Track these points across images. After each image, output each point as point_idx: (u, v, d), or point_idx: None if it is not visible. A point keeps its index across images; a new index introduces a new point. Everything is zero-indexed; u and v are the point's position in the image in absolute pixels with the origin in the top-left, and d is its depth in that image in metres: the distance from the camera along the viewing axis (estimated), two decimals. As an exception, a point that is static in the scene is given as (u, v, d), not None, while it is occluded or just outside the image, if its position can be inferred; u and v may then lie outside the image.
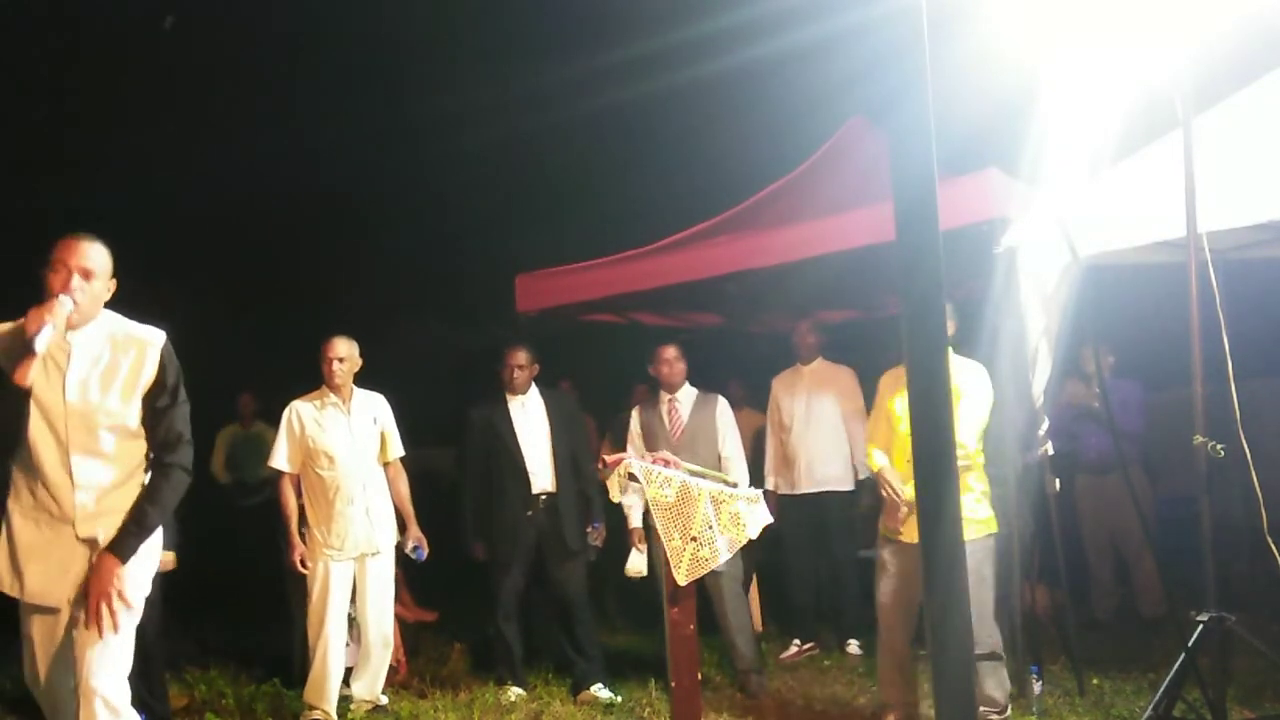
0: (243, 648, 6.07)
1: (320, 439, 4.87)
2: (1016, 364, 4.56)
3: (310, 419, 4.91)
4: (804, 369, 5.99)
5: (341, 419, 4.93)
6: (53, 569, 2.93)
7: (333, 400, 4.94)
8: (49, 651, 2.97)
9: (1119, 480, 5.43)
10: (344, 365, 4.93)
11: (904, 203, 2.18)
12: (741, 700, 4.93)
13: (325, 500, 4.87)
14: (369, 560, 4.89)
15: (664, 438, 5.22)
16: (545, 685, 5.33)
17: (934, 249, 2.15)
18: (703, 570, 3.73)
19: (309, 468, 4.90)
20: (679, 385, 5.34)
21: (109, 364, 2.97)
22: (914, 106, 2.17)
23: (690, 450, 5.09)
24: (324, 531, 4.85)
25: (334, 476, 4.85)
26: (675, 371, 5.31)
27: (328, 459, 4.86)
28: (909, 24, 2.17)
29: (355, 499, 4.85)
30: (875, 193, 4.59)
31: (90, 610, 2.86)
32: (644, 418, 5.36)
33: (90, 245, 2.96)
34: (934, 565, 2.16)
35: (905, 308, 2.22)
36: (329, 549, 4.84)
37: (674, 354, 5.33)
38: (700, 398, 5.35)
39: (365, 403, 5.02)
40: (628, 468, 3.80)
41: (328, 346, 4.94)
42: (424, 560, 5.06)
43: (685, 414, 5.31)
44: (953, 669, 2.16)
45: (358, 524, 4.84)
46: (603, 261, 6.22)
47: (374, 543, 4.88)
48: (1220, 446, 3.64)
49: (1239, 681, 4.19)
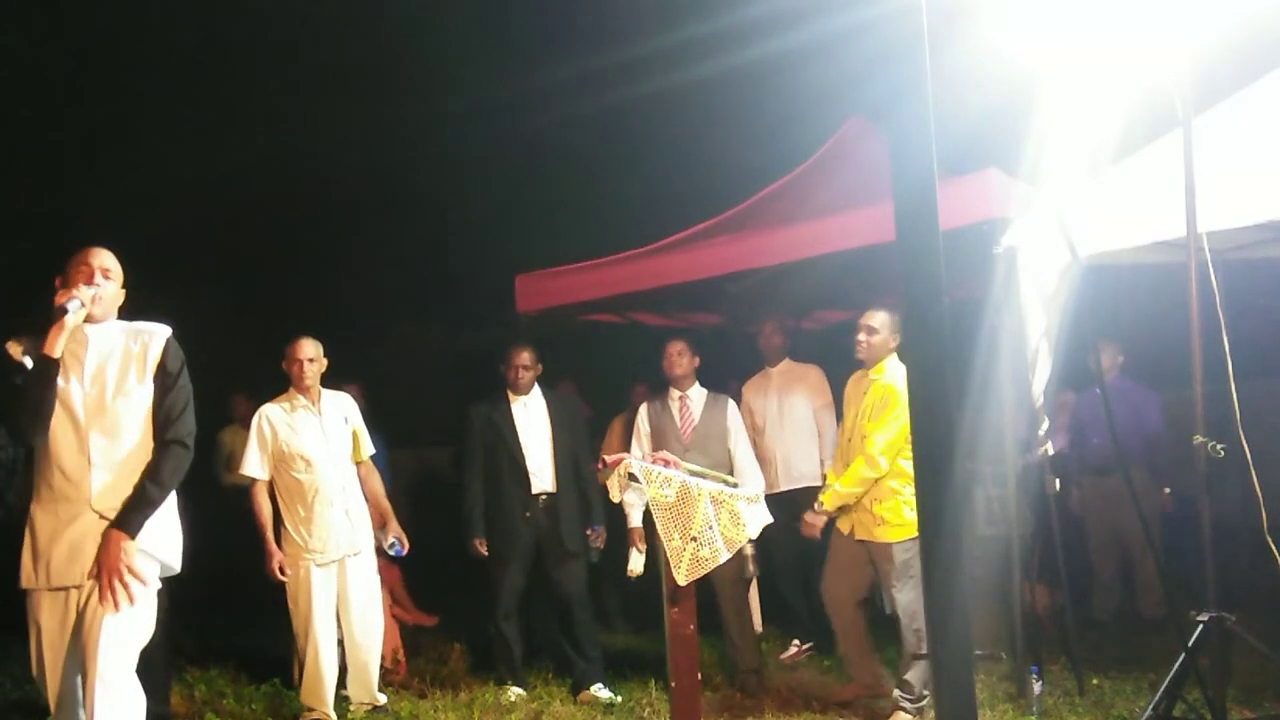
0: (243, 648, 6.06)
1: (294, 442, 4.81)
2: (1016, 364, 4.56)
3: (281, 422, 4.86)
4: (772, 371, 6.00)
5: (314, 420, 4.88)
6: (71, 550, 3.06)
7: (303, 402, 4.89)
8: (61, 636, 3.06)
9: (1120, 480, 5.42)
10: (313, 365, 4.89)
11: (904, 203, 2.18)
12: (741, 700, 4.93)
13: (304, 504, 4.81)
14: (349, 561, 4.84)
15: (674, 436, 5.20)
16: (545, 685, 5.32)
17: (934, 249, 2.15)
18: (703, 570, 3.73)
19: (283, 472, 4.83)
20: (686, 381, 5.31)
21: (123, 350, 3.19)
22: (914, 106, 2.17)
23: (701, 449, 5.11)
24: (304, 535, 4.79)
25: (311, 479, 4.80)
26: (677, 365, 5.27)
27: (304, 462, 4.80)
28: (909, 24, 2.17)
29: (334, 501, 4.81)
30: (875, 193, 4.59)
31: (101, 585, 2.99)
32: (654, 415, 5.33)
33: (107, 252, 3.24)
34: (934, 565, 2.16)
35: (905, 308, 2.22)
36: (310, 553, 4.78)
37: (679, 348, 5.30)
38: (711, 398, 5.34)
39: (334, 403, 4.98)
40: (628, 468, 3.80)
41: (295, 347, 4.89)
42: (403, 556, 5.04)
43: (696, 413, 5.28)
44: (953, 669, 2.16)
45: (338, 526, 4.81)
46: (603, 261, 6.22)
47: (355, 543, 4.85)
48: (1220, 446, 3.64)
49: (1239, 681, 4.18)
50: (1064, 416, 6.00)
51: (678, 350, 5.29)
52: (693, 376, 5.34)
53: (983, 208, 4.62)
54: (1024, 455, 4.65)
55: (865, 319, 4.59)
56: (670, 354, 5.30)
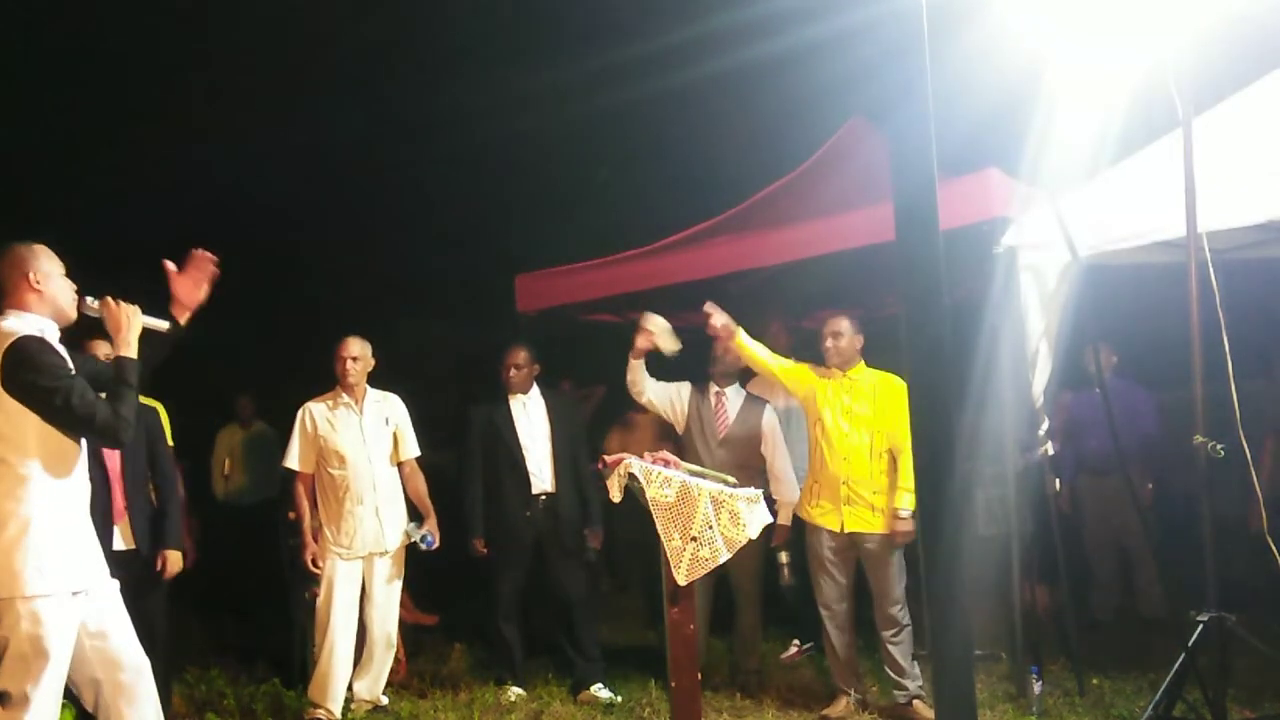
0: (243, 648, 6.06)
1: (332, 439, 4.90)
2: (1016, 364, 4.56)
3: (323, 419, 4.94)
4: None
5: (353, 419, 4.95)
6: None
7: (345, 400, 4.97)
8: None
9: (1120, 480, 5.42)
10: (358, 364, 4.96)
11: (904, 203, 2.18)
12: (741, 700, 4.93)
13: (335, 500, 4.91)
14: (377, 560, 4.91)
15: (710, 430, 5.21)
16: (545, 685, 5.32)
17: (934, 249, 2.16)
18: (703, 570, 3.73)
19: (321, 467, 4.95)
20: (726, 379, 5.28)
21: None
22: (914, 106, 2.17)
23: (731, 448, 5.13)
24: (333, 530, 4.90)
25: (344, 476, 4.88)
26: (719, 362, 5.24)
27: (339, 459, 4.89)
28: (909, 24, 2.18)
29: (364, 499, 4.88)
30: (875, 193, 4.59)
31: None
32: (695, 402, 5.30)
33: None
34: (934, 565, 2.16)
35: (905, 308, 2.22)
36: (338, 548, 4.87)
37: (723, 346, 5.14)
38: (749, 399, 5.32)
39: (378, 403, 5.04)
40: (628, 467, 3.80)
41: (342, 346, 4.97)
42: (434, 548, 5.05)
43: (731, 412, 5.26)
44: (953, 669, 2.16)
45: (366, 524, 4.87)
46: (603, 261, 6.22)
47: (382, 542, 4.90)
48: (1220, 446, 3.64)
49: (1239, 681, 4.18)
50: (1059, 418, 5.99)
51: (724, 349, 5.18)
52: (735, 375, 5.32)
53: (983, 208, 4.62)
54: (1024, 455, 4.65)
55: (830, 326, 4.68)
56: (717, 350, 5.23)
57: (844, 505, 4.59)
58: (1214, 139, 3.86)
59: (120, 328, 3.17)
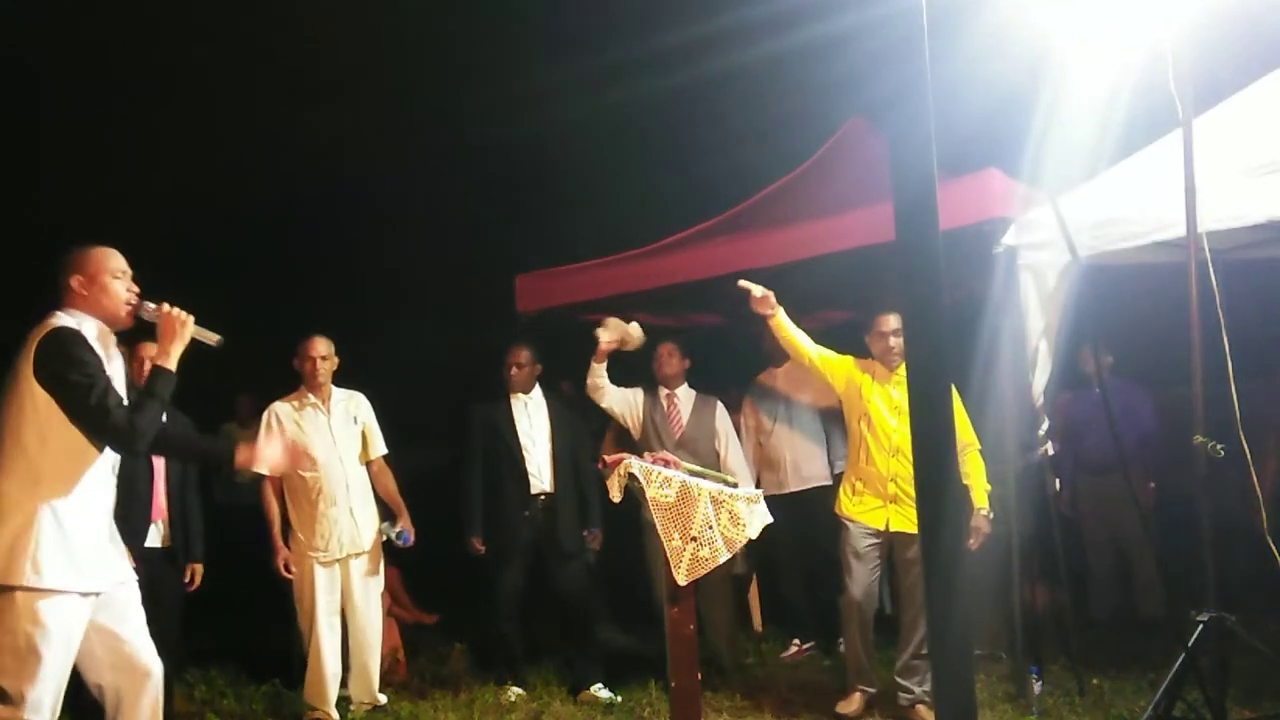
0: (243, 648, 6.06)
1: (300, 440, 4.80)
2: (1016, 364, 4.56)
3: (290, 420, 4.87)
4: (777, 371, 5.98)
5: (321, 419, 4.90)
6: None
7: (312, 400, 4.91)
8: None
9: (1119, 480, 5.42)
10: (326, 363, 4.91)
11: (904, 203, 2.18)
12: (741, 700, 4.93)
13: (308, 502, 4.84)
14: (353, 560, 4.87)
15: (665, 434, 5.30)
16: (545, 685, 5.32)
17: (934, 249, 2.16)
18: (703, 570, 3.74)
19: (291, 470, 4.81)
20: (675, 380, 5.45)
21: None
22: (914, 106, 2.17)
23: (690, 449, 5.18)
24: (308, 534, 4.84)
25: (316, 478, 4.83)
26: (667, 364, 5.44)
27: (309, 460, 4.81)
28: (909, 24, 2.18)
29: (338, 500, 4.83)
30: (875, 193, 4.58)
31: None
32: (649, 407, 5.42)
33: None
34: (934, 565, 2.16)
35: (905, 308, 2.22)
36: (314, 551, 4.82)
37: (669, 349, 5.48)
38: (699, 399, 5.42)
39: (345, 402, 4.99)
40: (628, 467, 3.80)
41: (309, 345, 4.91)
42: (409, 544, 5.04)
43: (685, 413, 5.39)
44: (953, 669, 2.16)
45: (342, 525, 4.83)
46: (603, 261, 6.21)
47: (359, 542, 4.88)
48: (1220, 446, 3.64)
49: (1239, 681, 4.18)
50: (1056, 418, 5.99)
51: (668, 351, 5.47)
52: (682, 377, 5.49)
53: (983, 208, 4.62)
54: (1024, 455, 4.65)
55: (888, 324, 4.56)
56: (661, 354, 5.46)
57: (890, 504, 4.52)
58: (1214, 139, 3.86)
59: (167, 336, 3.15)
